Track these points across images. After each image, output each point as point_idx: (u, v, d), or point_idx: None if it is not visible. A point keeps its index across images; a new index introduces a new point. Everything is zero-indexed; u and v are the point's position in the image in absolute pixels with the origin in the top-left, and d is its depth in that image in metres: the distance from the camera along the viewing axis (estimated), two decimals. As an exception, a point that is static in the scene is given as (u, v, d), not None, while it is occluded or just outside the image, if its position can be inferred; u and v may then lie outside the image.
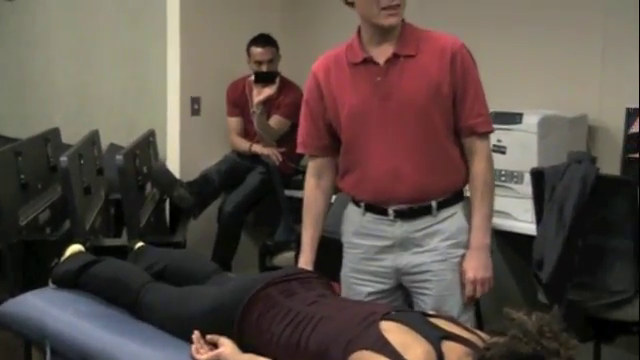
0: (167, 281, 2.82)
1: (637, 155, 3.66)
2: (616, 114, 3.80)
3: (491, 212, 2.65)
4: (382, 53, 2.56)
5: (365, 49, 2.59)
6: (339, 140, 2.69)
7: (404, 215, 2.59)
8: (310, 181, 2.80)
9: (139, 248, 3.15)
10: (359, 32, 2.62)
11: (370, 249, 2.65)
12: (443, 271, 2.59)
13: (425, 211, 2.59)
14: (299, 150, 2.85)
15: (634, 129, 3.68)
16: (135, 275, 2.83)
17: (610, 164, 3.66)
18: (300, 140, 2.79)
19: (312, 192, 2.79)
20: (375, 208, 2.63)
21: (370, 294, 2.66)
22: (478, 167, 2.61)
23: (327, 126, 2.70)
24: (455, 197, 2.63)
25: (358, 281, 2.69)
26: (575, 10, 4.06)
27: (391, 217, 2.60)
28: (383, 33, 2.55)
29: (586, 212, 3.17)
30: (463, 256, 2.61)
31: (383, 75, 2.55)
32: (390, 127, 2.55)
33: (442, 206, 2.60)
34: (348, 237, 2.74)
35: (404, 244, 2.60)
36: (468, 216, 2.64)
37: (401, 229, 2.60)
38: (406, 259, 2.61)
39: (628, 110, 3.72)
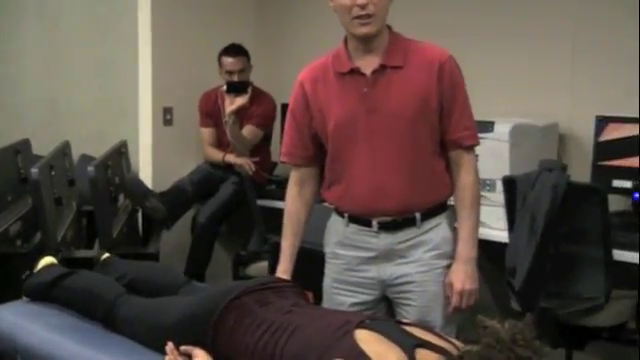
0: (135, 294, 2.80)
1: (607, 163, 3.71)
2: (586, 122, 3.84)
3: (478, 224, 2.63)
4: (369, 64, 2.53)
5: (352, 59, 2.55)
6: (324, 150, 2.67)
7: (388, 227, 2.57)
8: (292, 190, 2.77)
9: (105, 260, 3.12)
10: (346, 41, 2.59)
11: (353, 260, 2.64)
12: (427, 282, 2.57)
13: (409, 223, 2.57)
14: (283, 159, 2.81)
15: (604, 137, 3.72)
16: (108, 287, 2.81)
17: (581, 172, 3.70)
18: (284, 150, 2.76)
19: (293, 201, 2.77)
20: (359, 219, 2.61)
21: (353, 305, 2.64)
22: (466, 180, 2.59)
23: (312, 136, 2.67)
24: (439, 207, 2.62)
25: (341, 292, 2.67)
26: (545, 19, 4.10)
27: (375, 229, 2.59)
28: (366, 43, 2.52)
29: (557, 220, 3.20)
30: (447, 267, 2.59)
31: (370, 86, 2.52)
32: (376, 140, 2.53)
33: (426, 217, 2.58)
34: (331, 248, 2.72)
35: (388, 255, 2.59)
36: (452, 226, 2.63)
37: (385, 241, 2.58)
38: (390, 270, 2.59)
39: (597, 118, 3.76)
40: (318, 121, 2.63)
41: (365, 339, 2.07)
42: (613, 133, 3.70)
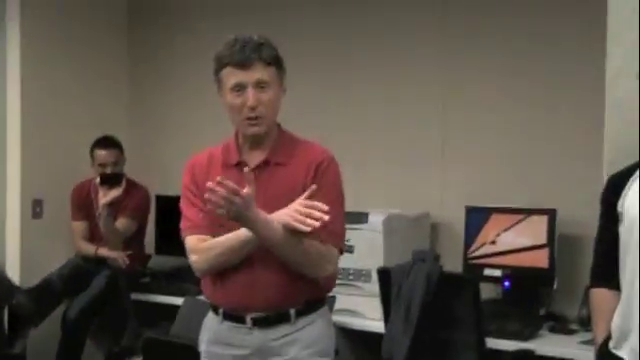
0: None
1: (478, 261, 3.82)
2: (456, 211, 3.95)
3: (278, 242, 2.40)
4: (255, 158, 2.54)
5: (240, 152, 2.57)
6: None
7: (262, 323, 2.52)
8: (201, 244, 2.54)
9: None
10: (237, 135, 2.60)
11: (227, 358, 2.57)
12: None
13: (283, 319, 2.53)
14: (193, 232, 2.56)
15: (485, 229, 3.83)
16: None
17: (453, 259, 3.78)
18: (189, 224, 2.58)
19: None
20: (233, 316, 2.56)
21: None
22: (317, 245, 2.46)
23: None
24: (315, 305, 2.58)
25: None
26: (415, 113, 4.25)
27: (249, 325, 2.53)
28: (255, 140, 2.55)
29: (432, 308, 3.24)
30: None
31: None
32: None
33: (301, 314, 2.54)
34: (205, 346, 2.64)
35: (263, 353, 2.53)
36: (329, 322, 2.62)
37: (259, 338, 2.53)
38: None
39: (467, 208, 3.88)
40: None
41: None
42: (497, 224, 3.81)
